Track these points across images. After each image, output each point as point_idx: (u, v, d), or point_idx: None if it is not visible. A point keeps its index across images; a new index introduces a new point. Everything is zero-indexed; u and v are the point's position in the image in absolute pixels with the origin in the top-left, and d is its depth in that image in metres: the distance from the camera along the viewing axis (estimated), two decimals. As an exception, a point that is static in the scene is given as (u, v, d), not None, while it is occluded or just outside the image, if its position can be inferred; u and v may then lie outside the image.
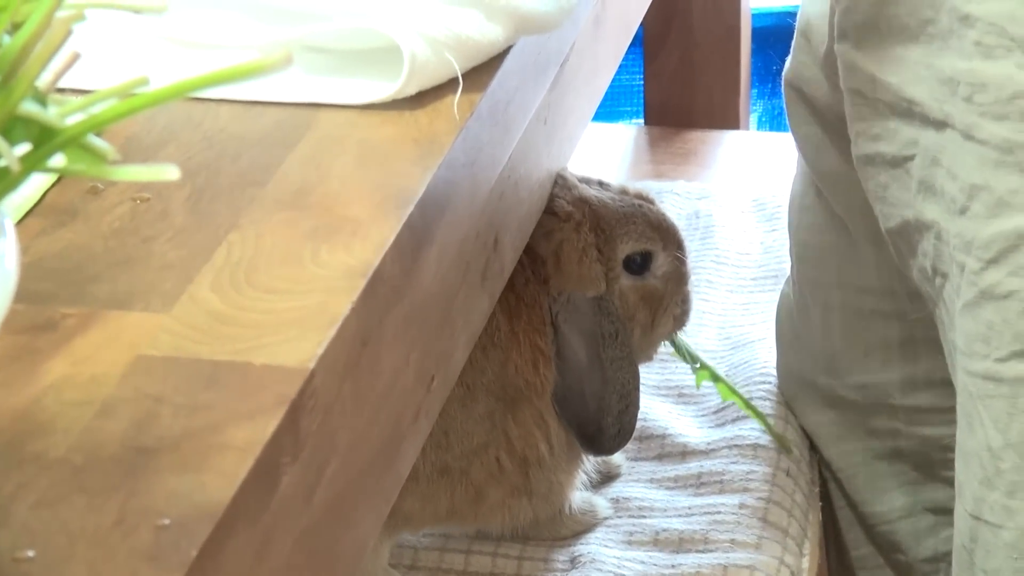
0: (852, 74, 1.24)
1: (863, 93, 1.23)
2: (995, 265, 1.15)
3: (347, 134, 0.91)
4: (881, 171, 1.23)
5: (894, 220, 1.24)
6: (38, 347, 0.73)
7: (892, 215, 1.24)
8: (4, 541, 0.62)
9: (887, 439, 1.46)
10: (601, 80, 1.30)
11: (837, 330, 1.45)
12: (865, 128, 1.24)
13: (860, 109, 1.24)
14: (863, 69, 1.22)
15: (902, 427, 1.45)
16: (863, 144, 1.25)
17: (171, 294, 0.77)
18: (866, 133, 1.24)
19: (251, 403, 0.69)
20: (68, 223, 0.83)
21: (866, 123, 1.23)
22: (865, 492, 1.50)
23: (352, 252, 0.80)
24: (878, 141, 1.23)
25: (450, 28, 0.93)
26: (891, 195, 1.23)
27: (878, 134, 1.23)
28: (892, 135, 1.22)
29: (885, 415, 1.45)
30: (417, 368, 0.88)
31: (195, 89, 0.57)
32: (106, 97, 0.58)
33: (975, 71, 1.13)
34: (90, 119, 0.57)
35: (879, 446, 1.47)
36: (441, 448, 1.31)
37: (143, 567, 0.61)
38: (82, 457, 0.66)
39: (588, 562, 1.35)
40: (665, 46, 2.07)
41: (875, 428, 1.46)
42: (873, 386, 1.45)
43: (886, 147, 1.22)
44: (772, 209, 1.81)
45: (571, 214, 1.32)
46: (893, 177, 1.22)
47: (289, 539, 0.71)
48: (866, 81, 1.22)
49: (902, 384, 1.43)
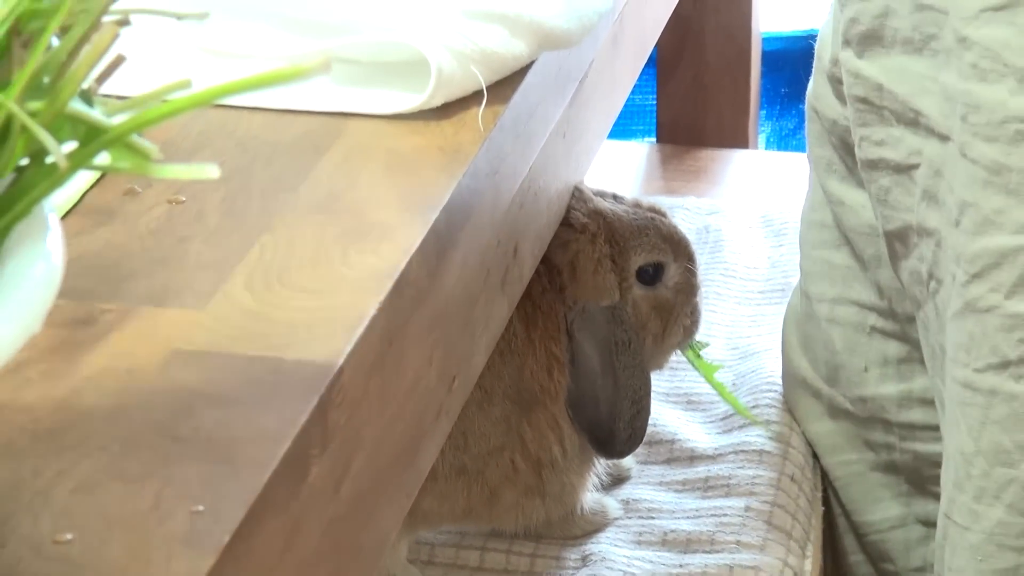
0: (858, 81, 1.24)
1: (869, 100, 1.23)
2: (978, 279, 1.15)
3: (375, 142, 0.91)
4: (884, 176, 1.24)
5: (895, 223, 1.24)
6: (78, 340, 0.73)
7: (893, 218, 1.24)
8: (45, 525, 0.62)
9: (882, 452, 1.46)
10: (617, 97, 1.30)
11: (839, 344, 1.45)
12: (870, 134, 1.24)
13: (865, 116, 1.24)
14: (869, 77, 1.22)
15: (896, 442, 1.45)
16: (868, 149, 1.25)
17: (206, 292, 0.77)
18: (870, 139, 1.24)
19: (282, 396, 0.70)
20: (107, 223, 0.83)
21: (870, 129, 1.23)
22: (859, 501, 1.49)
23: (380, 255, 0.80)
24: (883, 147, 1.23)
25: (476, 43, 0.93)
26: (893, 199, 1.24)
27: (883, 140, 1.23)
28: (897, 142, 1.22)
29: (881, 429, 1.45)
30: (439, 368, 0.89)
31: (236, 91, 0.57)
32: (149, 99, 0.58)
33: (971, 92, 1.13)
34: (135, 118, 0.57)
35: (874, 458, 1.47)
36: (459, 449, 1.31)
37: (178, 550, 0.61)
38: (120, 446, 0.67)
39: (599, 560, 1.35)
40: (678, 67, 2.07)
41: (871, 441, 1.46)
42: (871, 400, 1.45)
43: (891, 153, 1.22)
44: (779, 225, 1.81)
45: (587, 226, 1.32)
46: (896, 182, 1.22)
47: (317, 528, 0.71)
48: (872, 89, 1.22)
49: (898, 400, 1.43)
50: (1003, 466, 1.18)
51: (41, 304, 0.53)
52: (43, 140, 0.54)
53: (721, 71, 2.07)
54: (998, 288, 1.14)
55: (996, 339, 1.15)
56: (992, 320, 1.15)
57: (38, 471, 0.65)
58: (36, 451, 0.66)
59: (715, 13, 2.04)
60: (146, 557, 0.61)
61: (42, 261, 0.55)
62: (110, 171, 0.57)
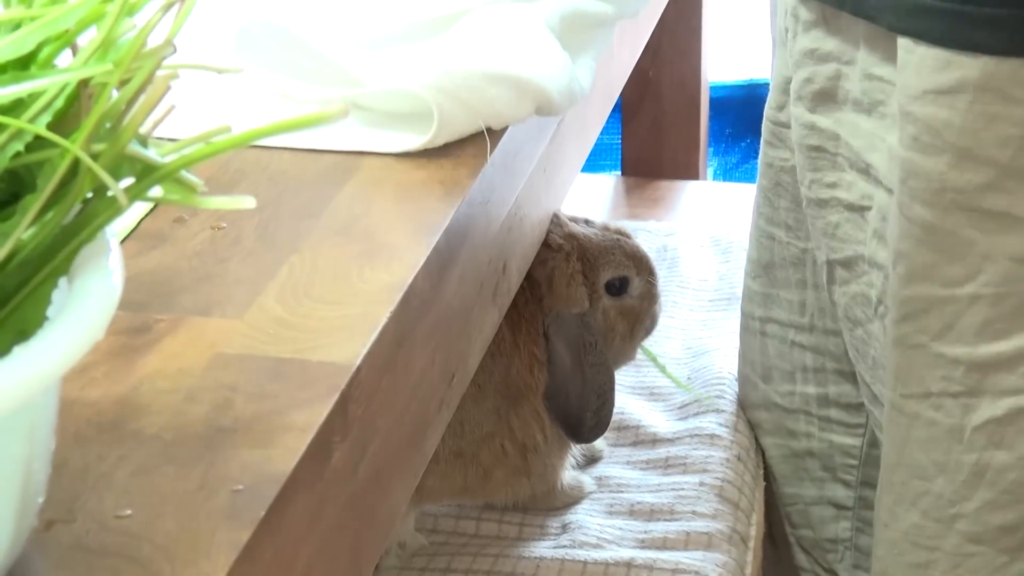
0: (812, 132, 1.21)
1: (824, 148, 1.21)
2: (908, 320, 1.14)
3: (386, 177, 0.91)
4: (834, 213, 1.22)
5: (843, 253, 1.23)
6: (135, 346, 0.73)
7: (842, 248, 1.22)
8: (108, 502, 0.62)
9: (803, 440, 1.46)
10: (589, 137, 1.30)
11: (770, 351, 1.45)
12: (821, 177, 1.22)
13: (817, 161, 1.22)
14: (825, 129, 1.20)
15: (815, 431, 1.44)
16: (817, 190, 1.23)
17: (243, 304, 0.77)
18: (821, 181, 1.22)
19: (309, 392, 0.69)
20: (159, 246, 0.83)
21: (821, 173, 1.21)
22: (786, 478, 1.49)
23: (391, 271, 0.80)
24: (835, 188, 1.21)
25: (483, 100, 0.93)
26: (843, 232, 1.22)
27: (835, 183, 1.21)
28: (849, 186, 1.19)
29: (804, 420, 1.45)
30: (441, 367, 0.88)
31: (269, 134, 0.57)
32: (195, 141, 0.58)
33: (912, 160, 1.09)
34: (183, 158, 0.57)
35: (796, 445, 1.47)
36: (456, 436, 1.31)
37: (221, 524, 0.61)
38: (171, 434, 0.66)
39: (576, 528, 1.35)
40: (639, 111, 2.07)
41: (795, 430, 1.46)
42: (797, 395, 1.45)
43: (844, 194, 1.20)
44: (725, 245, 1.81)
45: (562, 246, 1.32)
46: (847, 219, 1.21)
47: (338, 503, 0.71)
48: (829, 138, 1.20)
49: (817, 399, 1.43)
50: (920, 479, 1.17)
51: (104, 315, 0.53)
52: (104, 179, 0.54)
53: (675, 114, 2.07)
54: (924, 331, 1.13)
55: (921, 372, 1.14)
56: (918, 356, 1.14)
57: (102, 456, 0.65)
58: (100, 440, 0.66)
59: (670, 66, 2.04)
60: (194, 529, 0.61)
61: (105, 279, 0.55)
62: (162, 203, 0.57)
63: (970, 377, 1.13)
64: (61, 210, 0.55)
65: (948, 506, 1.16)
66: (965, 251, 1.10)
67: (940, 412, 1.14)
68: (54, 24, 0.56)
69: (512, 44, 0.97)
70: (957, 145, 1.07)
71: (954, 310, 1.12)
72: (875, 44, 1.13)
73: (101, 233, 0.56)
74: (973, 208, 1.08)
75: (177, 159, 0.57)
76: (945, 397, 1.14)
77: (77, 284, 0.54)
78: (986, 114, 1.06)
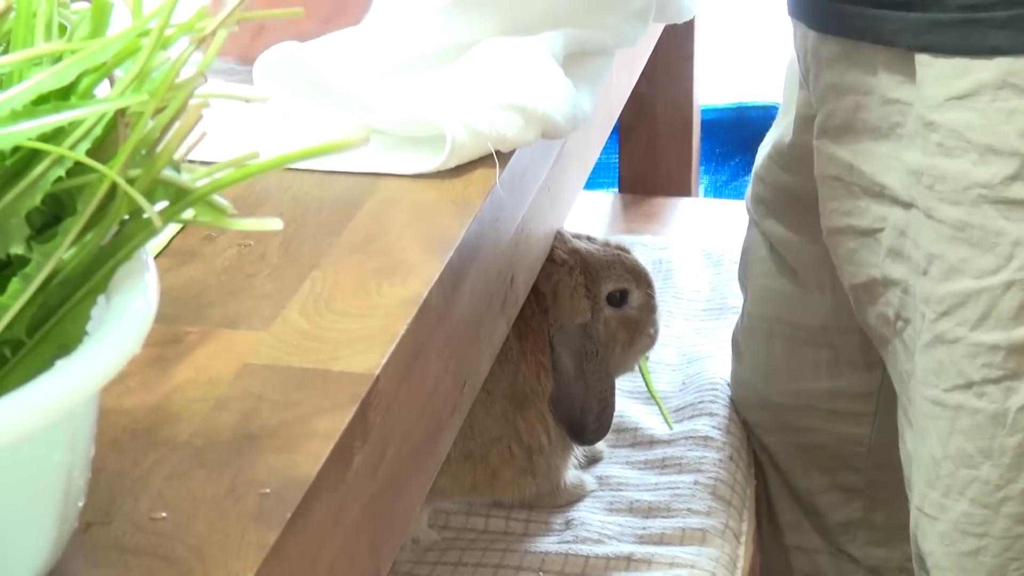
0: (831, 163, 1.22)
1: (840, 178, 1.21)
2: (946, 316, 1.14)
3: (402, 196, 0.90)
4: (850, 239, 1.22)
5: (860, 277, 1.23)
6: (167, 356, 0.73)
7: (859, 274, 1.23)
8: (143, 505, 0.62)
9: (810, 434, 1.46)
10: (590, 158, 1.29)
11: (778, 352, 1.45)
12: (838, 206, 1.22)
13: (835, 191, 1.22)
14: (842, 159, 1.20)
15: (823, 425, 1.44)
16: (835, 218, 1.23)
17: (269, 317, 0.77)
18: (839, 210, 1.22)
19: (331, 401, 0.69)
20: (189, 262, 0.83)
21: (839, 202, 1.22)
22: (792, 471, 1.49)
23: (407, 286, 0.80)
24: (850, 216, 1.21)
25: (495, 127, 0.93)
26: (859, 258, 1.22)
27: (849, 211, 1.21)
28: (863, 212, 1.20)
29: (810, 415, 1.45)
30: (453, 375, 0.88)
31: (297, 160, 0.57)
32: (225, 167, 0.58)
33: (936, 166, 1.11)
34: (214, 182, 0.57)
35: (803, 439, 1.47)
36: (467, 438, 1.31)
37: (250, 525, 0.61)
38: (202, 440, 0.66)
39: (579, 524, 1.35)
40: (635, 132, 2.07)
41: (800, 426, 1.46)
42: (803, 393, 1.44)
43: (857, 221, 1.21)
44: (717, 258, 1.80)
45: (566, 260, 1.32)
46: (862, 244, 1.21)
47: (359, 504, 0.71)
48: (844, 168, 1.20)
49: (827, 394, 1.43)
50: (966, 467, 1.17)
51: (141, 331, 0.53)
52: (140, 202, 0.54)
53: (669, 135, 2.07)
54: (963, 323, 1.13)
55: (962, 364, 1.14)
56: (958, 349, 1.14)
57: (137, 462, 0.65)
58: (135, 446, 0.66)
59: (664, 90, 2.04)
60: (225, 531, 0.60)
61: (141, 296, 0.54)
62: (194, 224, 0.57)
63: (1011, 360, 1.13)
64: (100, 231, 0.55)
65: (995, 491, 1.16)
66: (995, 241, 1.11)
67: (983, 399, 1.15)
68: (93, 57, 0.56)
69: (519, 73, 0.97)
70: (980, 143, 1.09)
71: (990, 298, 1.12)
72: (893, 68, 1.14)
73: (137, 253, 0.56)
74: (1000, 200, 1.10)
75: (209, 183, 0.56)
76: (987, 384, 1.14)
77: (115, 301, 0.54)
78: (1005, 109, 1.08)
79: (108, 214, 0.55)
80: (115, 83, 0.57)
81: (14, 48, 0.59)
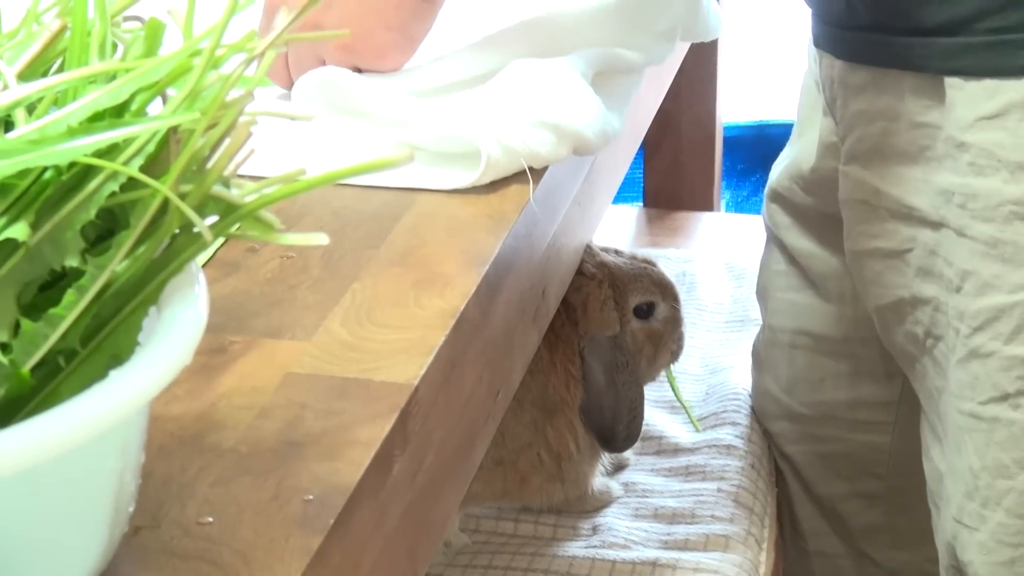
0: (857, 188, 1.21)
1: (867, 202, 1.20)
2: (980, 331, 1.13)
3: (439, 211, 0.90)
4: (877, 261, 1.21)
5: (887, 298, 1.22)
6: (213, 365, 0.73)
7: (885, 295, 1.22)
8: (190, 510, 0.62)
9: (832, 443, 1.45)
10: (619, 173, 1.29)
11: (800, 363, 1.44)
12: (865, 229, 1.21)
13: (861, 214, 1.21)
14: (869, 184, 1.19)
15: (844, 434, 1.44)
16: (862, 241, 1.22)
17: (311, 327, 0.76)
18: (866, 233, 1.21)
19: (372, 410, 0.69)
20: (233, 273, 0.83)
21: (866, 225, 1.21)
22: (814, 479, 1.49)
23: (444, 298, 0.79)
24: (877, 239, 1.21)
25: (528, 144, 0.93)
26: (886, 279, 1.21)
27: (877, 233, 1.20)
28: (891, 234, 1.19)
29: (832, 425, 1.44)
30: (488, 384, 0.88)
31: (343, 178, 0.57)
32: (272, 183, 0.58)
33: (968, 185, 1.10)
34: (263, 197, 0.57)
35: (825, 448, 1.46)
36: (498, 445, 1.30)
37: (294, 531, 0.60)
38: (247, 448, 0.66)
39: (606, 530, 1.34)
40: (660, 148, 2.06)
41: (822, 435, 1.45)
42: (825, 403, 1.44)
43: (884, 243, 1.20)
44: (739, 270, 1.80)
45: (595, 274, 1.31)
46: (888, 265, 1.20)
47: (398, 510, 0.70)
48: (871, 192, 1.20)
49: (848, 404, 1.42)
50: (1003, 478, 1.16)
51: (191, 342, 0.53)
52: (191, 217, 0.54)
53: (693, 151, 2.07)
54: (997, 337, 1.13)
55: (996, 377, 1.14)
56: (993, 362, 1.14)
57: (184, 468, 0.64)
58: (183, 452, 0.66)
59: (688, 108, 2.04)
60: (269, 536, 0.60)
61: (192, 308, 0.54)
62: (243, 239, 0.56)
63: None
64: (152, 245, 0.55)
65: None
66: None
67: (1019, 411, 1.14)
68: (147, 76, 0.56)
69: (551, 92, 0.97)
70: (1011, 160, 1.08)
71: (1023, 312, 1.11)
72: (921, 92, 1.13)
73: (188, 266, 0.56)
74: None
75: (257, 199, 0.56)
76: (1022, 396, 1.14)
77: (166, 313, 0.54)
78: None
79: (160, 228, 0.55)
80: (168, 101, 0.57)
81: (69, 66, 0.59)
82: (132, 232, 0.54)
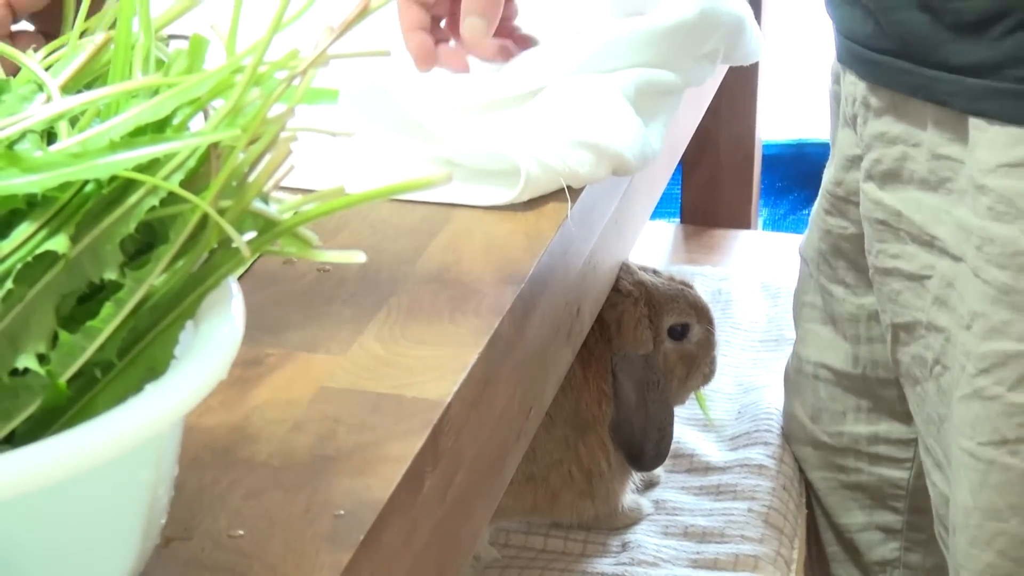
0: (877, 207, 1.21)
1: (888, 223, 1.20)
2: (985, 374, 1.13)
3: (476, 227, 0.90)
4: (896, 281, 1.21)
5: (904, 318, 1.22)
6: (247, 377, 0.73)
7: (903, 313, 1.22)
8: (221, 523, 0.62)
9: (852, 474, 1.44)
10: (656, 192, 1.29)
11: (823, 393, 1.44)
12: (886, 248, 1.21)
13: (882, 234, 1.21)
14: (889, 205, 1.19)
15: (865, 467, 1.43)
16: (883, 259, 1.22)
17: (346, 342, 0.77)
18: (886, 252, 1.21)
19: (404, 426, 0.69)
20: (270, 286, 0.83)
21: (887, 244, 1.21)
22: (835, 508, 1.48)
23: (479, 315, 0.80)
24: (897, 259, 1.20)
25: (566, 162, 0.93)
26: (904, 300, 1.21)
27: (897, 254, 1.20)
28: (911, 257, 1.19)
29: (853, 457, 1.43)
30: (520, 401, 0.88)
31: (381, 197, 0.57)
32: (311, 200, 0.58)
33: (986, 228, 1.10)
34: (301, 214, 0.57)
35: (846, 478, 1.45)
36: (529, 461, 1.30)
37: (324, 546, 0.61)
38: (279, 461, 0.66)
39: (635, 547, 1.34)
40: (698, 165, 2.06)
41: (843, 465, 1.45)
42: (846, 435, 1.43)
43: (905, 265, 1.20)
44: (775, 289, 1.79)
45: (631, 292, 1.31)
46: (908, 287, 1.20)
47: (428, 526, 0.70)
48: (892, 214, 1.20)
49: (868, 438, 1.42)
50: (995, 521, 1.16)
51: (227, 357, 0.53)
52: (230, 233, 0.54)
53: (731, 169, 2.06)
54: (1001, 382, 1.13)
55: (997, 421, 1.14)
56: (995, 406, 1.14)
57: (216, 480, 0.65)
58: (215, 464, 0.66)
59: (727, 125, 2.03)
60: (299, 550, 0.60)
61: (228, 323, 0.54)
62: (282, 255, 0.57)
63: None
64: (190, 259, 0.55)
65: (1021, 546, 1.15)
66: None
67: (1016, 457, 1.14)
68: (188, 91, 0.56)
69: (592, 112, 0.97)
70: None
71: None
72: (944, 126, 1.13)
73: (225, 281, 0.56)
74: None
75: (296, 216, 0.57)
76: (1021, 443, 1.13)
77: (203, 327, 0.54)
78: None
79: (199, 243, 0.55)
80: (209, 117, 0.57)
81: (112, 80, 0.60)
82: (171, 246, 0.55)
